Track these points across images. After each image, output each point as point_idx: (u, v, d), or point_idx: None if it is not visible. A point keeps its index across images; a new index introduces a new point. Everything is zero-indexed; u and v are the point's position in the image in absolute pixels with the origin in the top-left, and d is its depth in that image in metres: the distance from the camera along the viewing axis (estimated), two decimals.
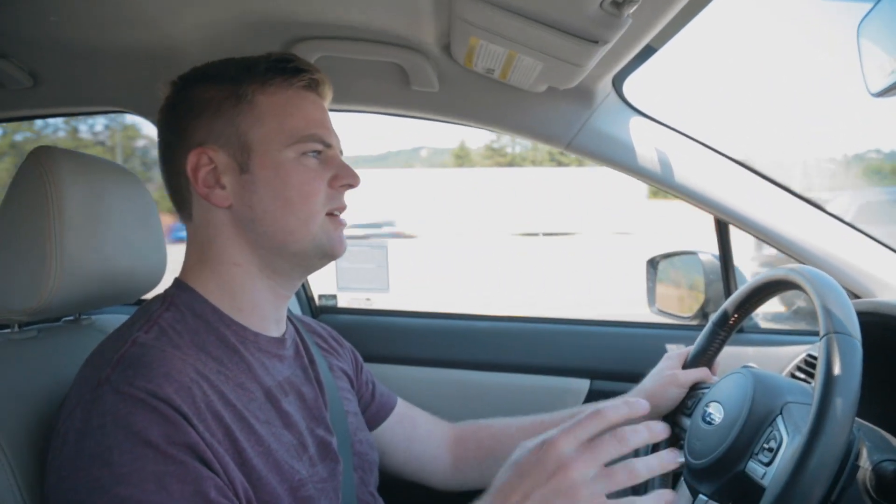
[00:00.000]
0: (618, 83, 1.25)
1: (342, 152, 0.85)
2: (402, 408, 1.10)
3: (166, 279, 0.90)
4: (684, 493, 0.91)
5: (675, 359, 1.10)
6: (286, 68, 0.80)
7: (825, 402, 0.65)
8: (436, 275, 13.14)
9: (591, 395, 1.46)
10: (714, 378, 1.05)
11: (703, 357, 1.07)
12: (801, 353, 1.22)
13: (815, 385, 0.69)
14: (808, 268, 0.83)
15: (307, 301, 1.72)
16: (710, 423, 0.87)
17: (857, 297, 1.21)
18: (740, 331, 1.20)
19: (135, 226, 0.93)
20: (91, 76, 1.29)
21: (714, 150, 1.29)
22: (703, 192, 1.27)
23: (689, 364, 1.08)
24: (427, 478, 1.11)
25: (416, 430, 1.10)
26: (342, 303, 1.76)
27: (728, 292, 1.42)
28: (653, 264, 1.62)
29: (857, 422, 0.81)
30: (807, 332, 1.40)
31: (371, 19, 1.08)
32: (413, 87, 1.25)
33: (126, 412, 0.61)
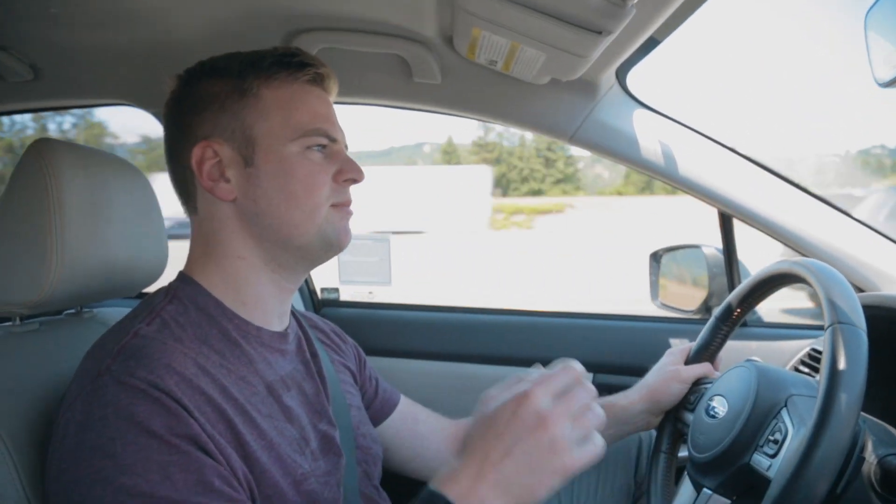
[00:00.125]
0: (621, 75, 1.24)
1: (347, 147, 0.85)
2: (404, 404, 1.10)
3: (166, 275, 0.89)
4: (688, 488, 0.91)
5: (677, 354, 1.10)
6: (291, 62, 0.80)
7: (831, 391, 0.65)
8: None
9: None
10: (716, 373, 1.05)
11: (706, 352, 1.06)
12: (805, 348, 1.22)
13: (820, 375, 0.68)
14: (813, 261, 0.83)
15: (309, 294, 1.72)
16: (713, 417, 0.87)
17: (862, 290, 1.20)
18: (744, 325, 1.19)
19: (136, 218, 0.93)
20: (91, 69, 1.28)
21: (718, 142, 1.28)
22: (706, 185, 1.26)
23: (691, 359, 1.08)
24: (430, 474, 1.11)
25: (419, 426, 1.10)
26: (344, 296, 1.77)
27: (731, 286, 1.41)
28: (656, 258, 1.61)
29: (862, 415, 0.81)
30: (810, 327, 1.39)
31: (373, 10, 1.07)
32: (415, 80, 1.24)
33: (128, 402, 0.61)
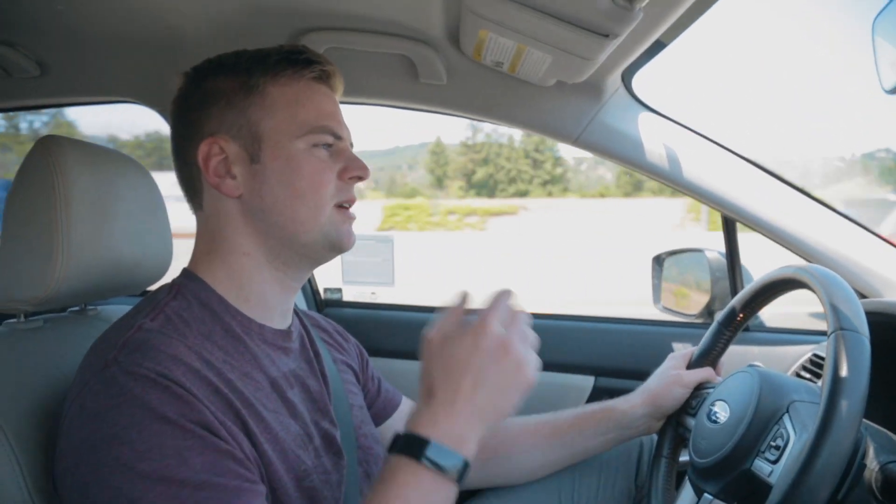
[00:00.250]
0: (627, 78, 1.24)
1: (353, 145, 0.85)
2: (406, 405, 1.10)
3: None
4: (689, 493, 0.90)
5: (679, 359, 1.10)
6: (298, 60, 0.80)
7: (833, 397, 0.65)
8: None
9: (596, 391, 1.46)
10: (718, 378, 1.05)
11: (708, 357, 1.06)
12: (807, 353, 1.22)
13: (822, 381, 0.68)
14: (816, 266, 0.82)
15: (312, 294, 1.72)
16: (715, 422, 0.87)
17: (866, 297, 1.20)
18: (746, 330, 1.19)
19: (141, 216, 0.93)
20: (97, 66, 1.28)
21: (722, 146, 1.28)
22: (710, 189, 1.26)
23: (693, 364, 1.08)
24: None
25: None
26: (347, 297, 1.77)
27: (734, 290, 1.41)
28: (658, 261, 1.61)
29: (864, 422, 0.80)
30: (813, 332, 1.39)
31: (380, 10, 1.07)
32: (421, 80, 1.25)
33: (140, 391, 0.61)
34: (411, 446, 0.61)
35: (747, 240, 1.43)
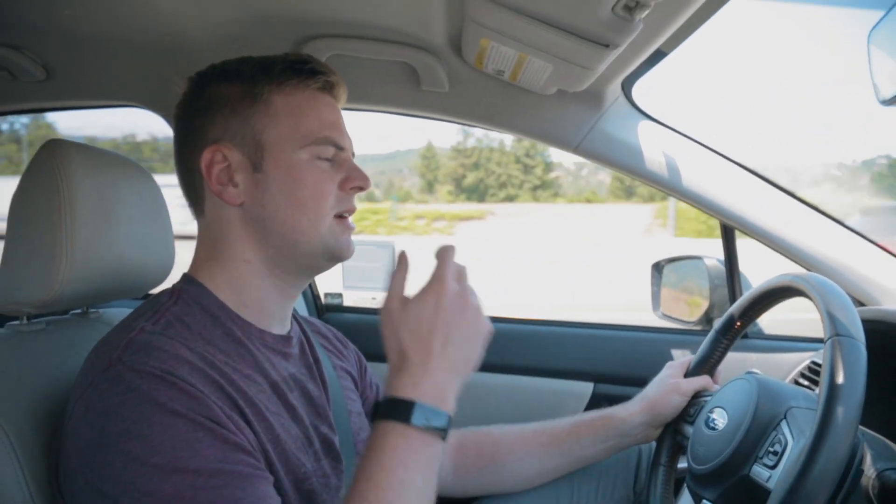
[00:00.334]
0: (627, 87, 1.25)
1: (354, 154, 0.86)
2: None
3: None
4: (688, 501, 0.91)
5: (677, 367, 1.10)
6: (303, 69, 0.80)
7: (830, 404, 0.66)
8: None
9: (595, 398, 1.46)
10: (716, 386, 1.05)
11: (706, 365, 1.07)
12: (805, 361, 1.22)
13: (820, 386, 0.69)
14: (813, 274, 0.83)
15: (313, 299, 1.72)
16: (713, 429, 0.87)
17: (863, 304, 1.21)
18: (744, 337, 1.20)
19: (144, 220, 0.94)
20: (103, 71, 1.29)
21: (722, 155, 1.29)
22: (710, 197, 1.27)
23: (691, 372, 1.08)
24: None
25: None
26: (348, 302, 1.77)
27: (733, 297, 1.42)
28: (657, 268, 1.61)
29: (861, 429, 0.81)
30: (810, 340, 1.39)
31: (383, 18, 1.08)
32: (423, 88, 1.25)
33: (148, 387, 0.61)
34: (398, 410, 0.63)
35: (743, 247, 1.44)
